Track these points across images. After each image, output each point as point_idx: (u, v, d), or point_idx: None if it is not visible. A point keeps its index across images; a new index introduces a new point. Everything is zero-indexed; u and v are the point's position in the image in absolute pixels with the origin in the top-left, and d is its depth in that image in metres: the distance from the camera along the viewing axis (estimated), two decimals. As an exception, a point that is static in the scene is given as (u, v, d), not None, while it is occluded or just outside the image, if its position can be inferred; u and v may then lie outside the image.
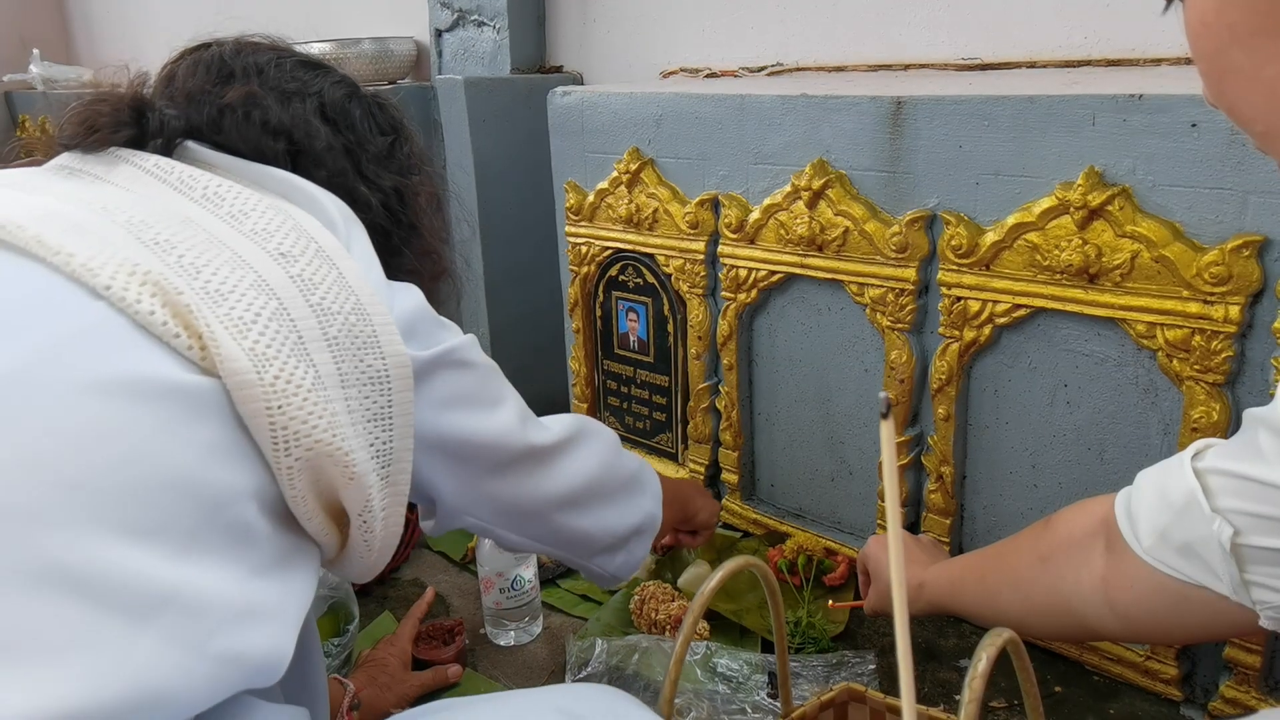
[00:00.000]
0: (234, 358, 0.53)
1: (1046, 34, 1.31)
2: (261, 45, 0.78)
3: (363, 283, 0.62)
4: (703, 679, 1.05)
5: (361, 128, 0.78)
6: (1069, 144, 0.96)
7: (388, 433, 0.62)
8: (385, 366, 0.61)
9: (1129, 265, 0.93)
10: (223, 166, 0.68)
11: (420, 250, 0.81)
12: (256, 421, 0.54)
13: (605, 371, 1.56)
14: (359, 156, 0.76)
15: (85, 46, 3.31)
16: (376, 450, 0.61)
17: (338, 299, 0.60)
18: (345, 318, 0.59)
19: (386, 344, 0.61)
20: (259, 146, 0.71)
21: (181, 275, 0.55)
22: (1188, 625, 0.68)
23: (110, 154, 0.65)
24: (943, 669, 1.09)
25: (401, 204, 0.79)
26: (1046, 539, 0.79)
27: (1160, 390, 0.97)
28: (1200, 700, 1.01)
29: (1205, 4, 0.49)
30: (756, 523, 1.39)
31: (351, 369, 0.59)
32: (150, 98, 0.70)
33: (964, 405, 1.13)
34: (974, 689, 0.52)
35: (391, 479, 0.63)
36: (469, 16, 1.91)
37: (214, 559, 0.52)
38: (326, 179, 0.72)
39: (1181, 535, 0.64)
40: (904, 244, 1.10)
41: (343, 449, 0.57)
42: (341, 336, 0.59)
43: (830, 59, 1.55)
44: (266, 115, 0.72)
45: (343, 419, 0.58)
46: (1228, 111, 0.53)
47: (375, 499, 0.61)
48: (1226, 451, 0.63)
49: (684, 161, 1.32)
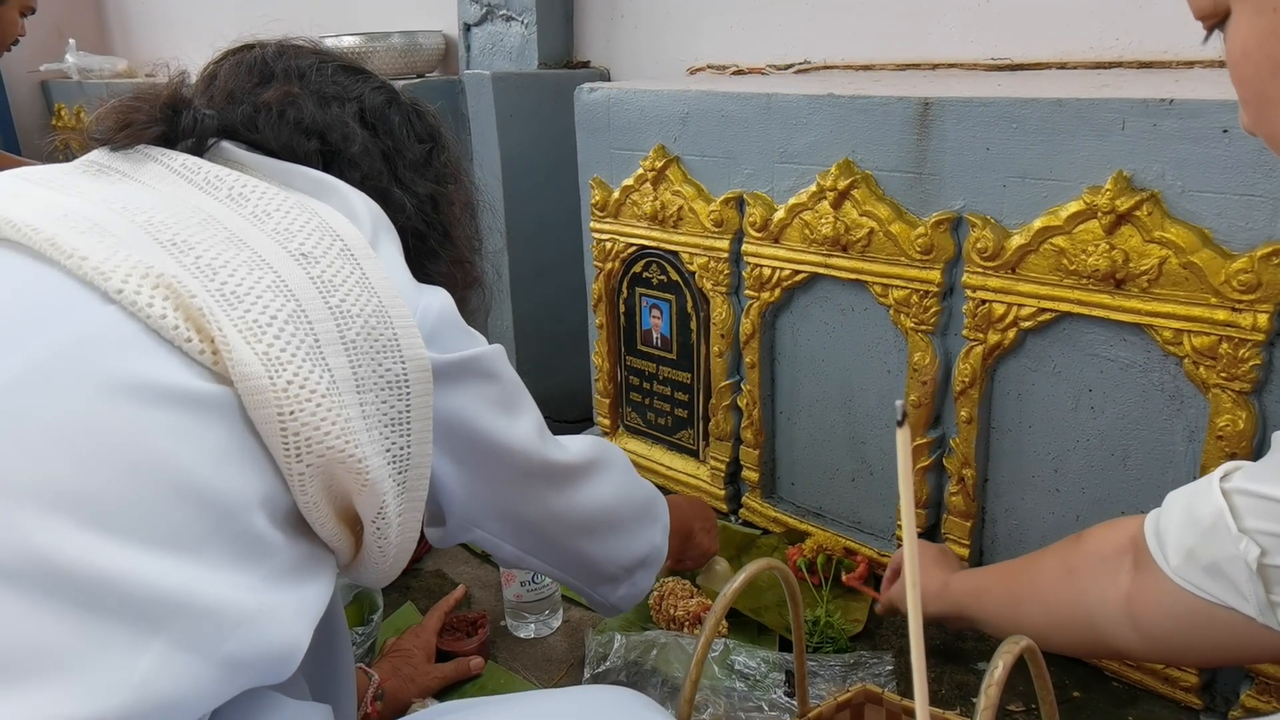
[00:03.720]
0: (246, 362, 0.53)
1: (1077, 34, 1.30)
2: (304, 49, 0.78)
3: (386, 283, 0.61)
4: (720, 676, 1.06)
5: (400, 134, 0.78)
6: (1098, 148, 0.96)
7: (405, 437, 0.61)
8: (404, 370, 0.60)
9: (1156, 271, 0.93)
10: (253, 166, 0.68)
11: (453, 258, 0.81)
12: (268, 427, 0.53)
13: (628, 367, 1.56)
14: (396, 162, 0.76)
15: (120, 36, 3.35)
16: (393, 456, 0.60)
17: (358, 301, 0.59)
18: (365, 320, 0.59)
19: (407, 347, 0.61)
20: (292, 146, 0.70)
21: (197, 277, 0.54)
22: (1211, 646, 0.68)
23: (139, 152, 0.65)
24: (961, 671, 1.09)
25: (436, 211, 0.79)
26: (1076, 553, 0.80)
27: (1186, 397, 0.97)
28: (1220, 709, 1.01)
29: (1247, 35, 0.50)
30: (776, 521, 1.39)
31: (369, 373, 0.58)
32: (188, 96, 0.71)
33: (987, 408, 1.13)
34: (990, 696, 0.53)
35: (408, 485, 0.62)
36: (497, 11, 1.92)
37: (226, 566, 0.51)
38: (360, 181, 0.72)
39: (1209, 555, 0.65)
40: (929, 245, 1.10)
41: (355, 455, 0.57)
42: (360, 340, 0.58)
43: (858, 57, 1.54)
44: (301, 115, 0.71)
45: (357, 424, 0.57)
46: (1268, 139, 0.53)
47: (390, 505, 0.61)
48: (1254, 473, 0.64)
49: (709, 159, 1.33)
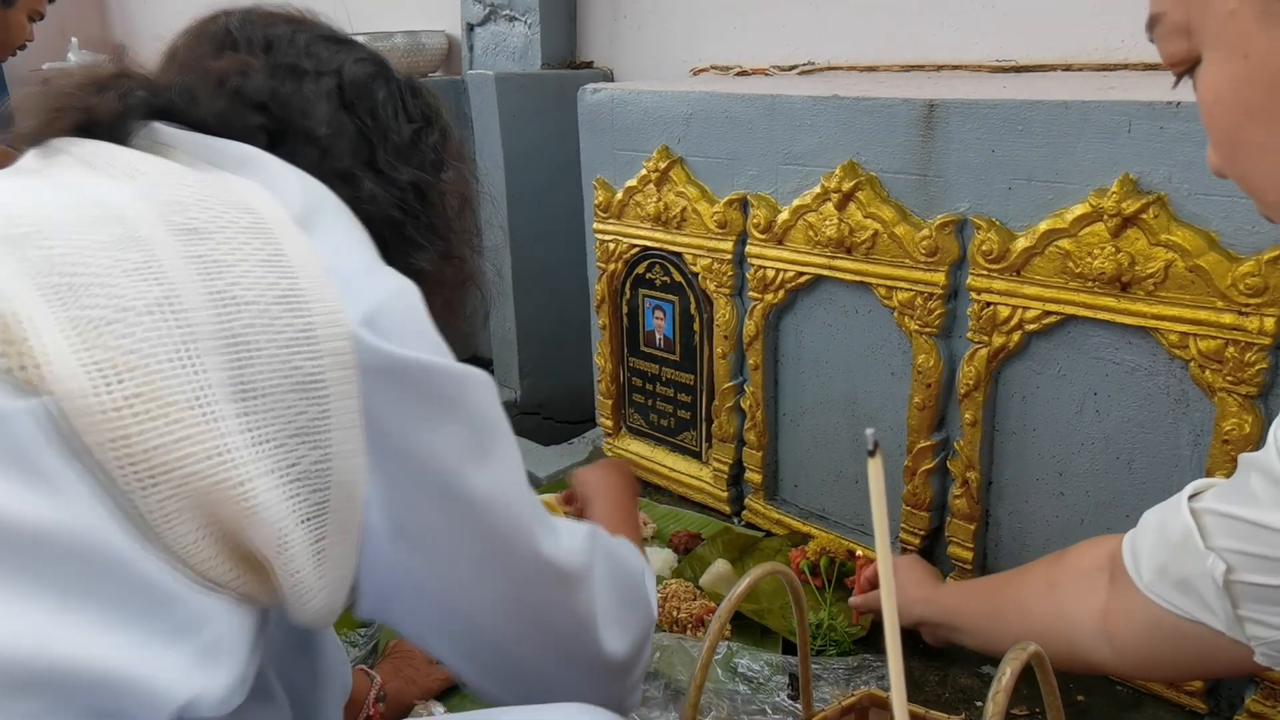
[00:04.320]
0: (67, 375, 0.43)
1: (1083, 36, 1.30)
2: (277, 16, 0.69)
3: (310, 263, 0.50)
4: (723, 679, 1.06)
5: (384, 112, 0.68)
6: (1104, 150, 0.95)
7: (318, 450, 0.49)
8: (319, 368, 0.49)
9: (1162, 274, 0.93)
10: (180, 146, 0.58)
11: (442, 253, 0.70)
12: (103, 454, 0.44)
13: (631, 368, 1.56)
14: (375, 143, 0.66)
15: (123, 35, 3.35)
16: (298, 474, 0.49)
17: (257, 284, 0.48)
18: (263, 308, 0.48)
19: (326, 339, 0.49)
20: (229, 120, 0.60)
21: (31, 273, 0.45)
22: (1182, 660, 0.71)
23: (56, 144, 0.56)
24: (963, 674, 1.08)
25: (422, 201, 0.69)
26: (1057, 568, 0.83)
27: (1191, 401, 0.96)
28: (1225, 713, 1.00)
29: (1220, 80, 0.51)
30: (779, 523, 1.39)
31: (263, 372, 0.48)
32: (114, 76, 0.61)
33: (991, 411, 1.12)
34: (998, 703, 0.52)
35: (329, 507, 0.50)
36: (501, 11, 1.92)
37: (97, 624, 0.43)
38: (318, 161, 0.62)
39: (1179, 571, 0.67)
40: (934, 248, 1.09)
41: (231, 479, 0.46)
42: (252, 332, 0.47)
43: (862, 59, 1.54)
44: (245, 86, 0.61)
45: (235, 439, 0.46)
46: (1238, 180, 0.54)
47: (294, 535, 0.49)
48: (1221, 493, 0.66)
49: (713, 161, 1.32)
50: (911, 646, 1.08)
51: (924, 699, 1.04)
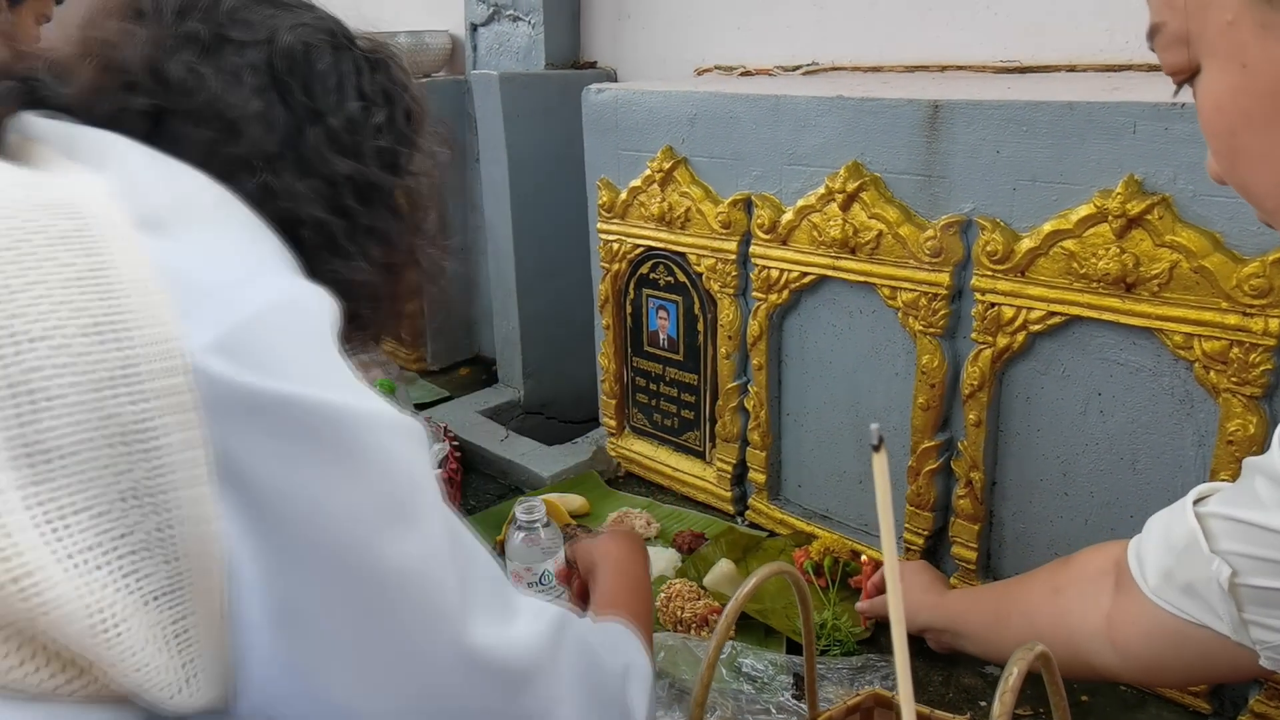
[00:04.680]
0: None
1: (1087, 37, 1.30)
2: None
3: (145, 277, 0.41)
4: (728, 678, 1.06)
5: (320, 88, 0.56)
6: (1108, 151, 0.96)
7: (158, 514, 0.39)
8: (143, 412, 0.39)
9: (1167, 275, 0.93)
10: (41, 138, 0.49)
11: (384, 260, 0.60)
12: None
13: (634, 369, 1.56)
14: (303, 128, 0.56)
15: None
16: (135, 545, 0.39)
17: (54, 311, 0.38)
18: (59, 343, 0.38)
19: (151, 374, 0.39)
20: (97, 103, 0.51)
21: None
22: (1187, 664, 0.71)
23: None
24: (967, 674, 1.09)
25: (361, 198, 0.58)
26: (1062, 574, 0.83)
27: (1196, 401, 0.96)
28: (1229, 713, 1.00)
29: (1219, 89, 0.51)
30: (783, 523, 1.39)
31: (56, 428, 0.37)
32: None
33: (995, 411, 1.12)
34: (1004, 703, 0.52)
35: (186, 579, 0.41)
36: (504, 11, 1.92)
37: None
38: (209, 146, 0.52)
39: (1184, 575, 0.67)
40: (938, 248, 1.09)
41: (5, 571, 0.36)
42: (38, 377, 0.37)
43: (867, 59, 1.54)
44: (111, 59, 0.52)
45: (13, 520, 0.37)
46: (1238, 188, 0.54)
47: (131, 621, 0.39)
48: (1226, 497, 0.66)
49: (717, 161, 1.32)
50: (916, 647, 1.08)
51: (928, 699, 1.04)
